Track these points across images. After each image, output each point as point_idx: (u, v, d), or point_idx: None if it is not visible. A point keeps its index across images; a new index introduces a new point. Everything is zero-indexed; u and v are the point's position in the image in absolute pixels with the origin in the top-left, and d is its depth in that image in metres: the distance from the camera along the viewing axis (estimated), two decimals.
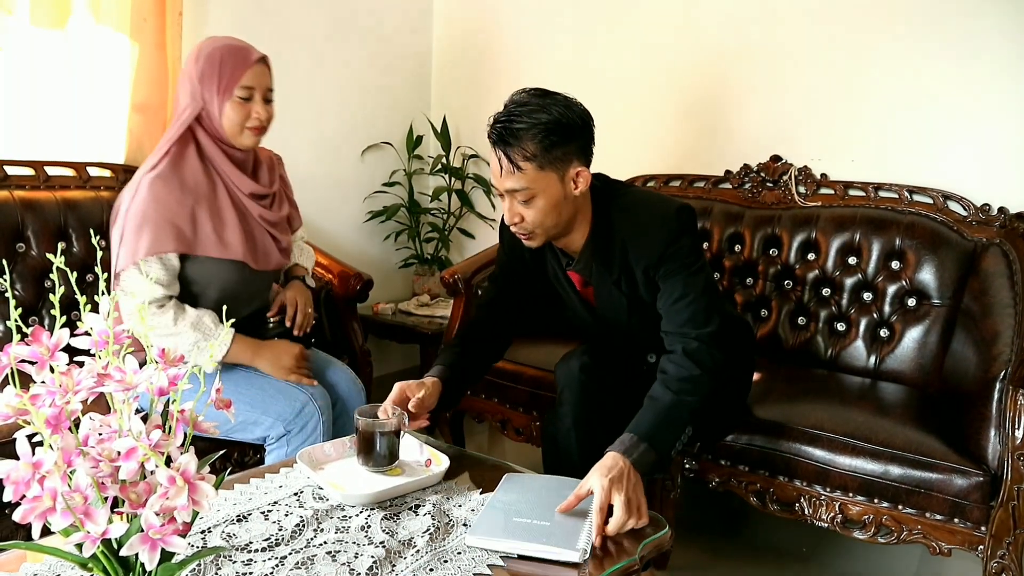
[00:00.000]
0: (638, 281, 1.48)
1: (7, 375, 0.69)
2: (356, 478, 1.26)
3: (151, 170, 1.54)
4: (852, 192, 2.24)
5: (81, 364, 0.72)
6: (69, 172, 2.02)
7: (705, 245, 2.34)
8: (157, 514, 0.67)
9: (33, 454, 0.67)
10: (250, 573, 0.97)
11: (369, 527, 1.10)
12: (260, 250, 1.66)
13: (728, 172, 2.46)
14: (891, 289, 2.08)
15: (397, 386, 1.39)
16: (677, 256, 1.44)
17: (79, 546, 0.66)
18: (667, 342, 1.45)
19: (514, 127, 1.34)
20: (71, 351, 0.72)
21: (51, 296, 0.65)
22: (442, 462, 1.30)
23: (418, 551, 1.04)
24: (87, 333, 0.74)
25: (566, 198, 1.41)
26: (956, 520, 1.53)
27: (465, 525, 1.12)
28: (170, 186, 1.52)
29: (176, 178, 1.53)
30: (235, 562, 0.99)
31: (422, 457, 1.34)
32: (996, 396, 1.56)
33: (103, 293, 0.74)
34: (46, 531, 0.68)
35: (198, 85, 1.56)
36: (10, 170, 1.92)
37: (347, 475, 1.28)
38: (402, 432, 1.32)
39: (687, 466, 1.81)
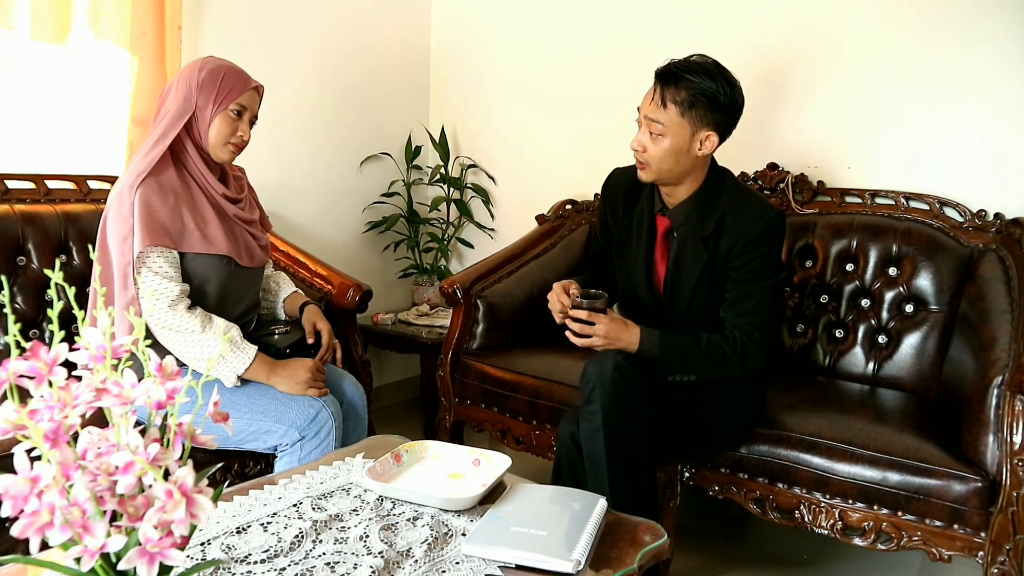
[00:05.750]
0: (720, 253, 1.61)
1: (6, 390, 0.69)
2: (434, 486, 1.29)
3: (133, 173, 1.56)
4: (848, 199, 2.25)
5: (79, 379, 0.72)
6: (70, 185, 2.04)
7: None
8: (155, 527, 0.67)
9: (31, 468, 0.67)
10: None
11: (367, 537, 1.10)
12: (243, 246, 1.69)
13: None
14: (889, 295, 2.08)
15: (558, 284, 1.63)
16: (764, 251, 1.59)
17: (77, 560, 0.66)
18: (730, 326, 1.61)
19: (680, 74, 1.56)
20: (70, 365, 0.72)
21: (49, 311, 0.65)
22: (493, 459, 1.35)
23: (416, 561, 1.04)
24: (85, 348, 0.74)
25: (688, 152, 1.60)
26: (956, 526, 1.53)
27: (464, 535, 1.13)
28: (150, 188, 1.55)
29: (155, 181, 1.56)
30: (234, 574, 1.00)
31: (469, 459, 1.37)
32: (994, 401, 1.56)
33: (103, 308, 0.75)
34: (44, 545, 0.68)
35: (195, 91, 1.59)
36: (11, 184, 1.93)
37: (424, 483, 1.29)
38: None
39: (686, 475, 1.81)
